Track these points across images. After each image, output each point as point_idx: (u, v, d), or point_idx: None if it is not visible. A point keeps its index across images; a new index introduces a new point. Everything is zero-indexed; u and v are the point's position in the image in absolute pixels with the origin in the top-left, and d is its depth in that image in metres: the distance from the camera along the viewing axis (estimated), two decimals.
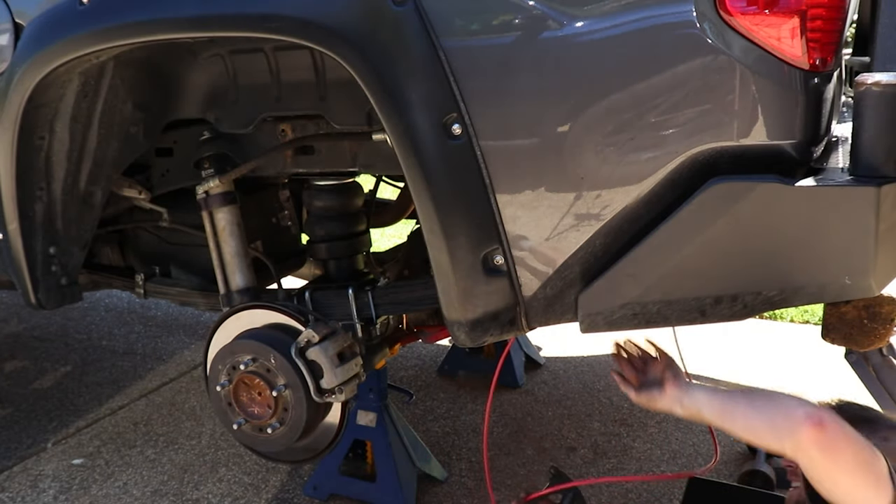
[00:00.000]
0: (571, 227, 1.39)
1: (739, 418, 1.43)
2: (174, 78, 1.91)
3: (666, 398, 1.53)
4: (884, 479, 1.33)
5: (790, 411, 1.37)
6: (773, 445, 1.42)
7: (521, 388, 3.17)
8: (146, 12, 1.55)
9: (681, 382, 1.54)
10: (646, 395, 1.56)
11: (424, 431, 2.83)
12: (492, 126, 1.38)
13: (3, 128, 1.77)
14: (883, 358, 2.17)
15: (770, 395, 1.45)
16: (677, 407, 1.54)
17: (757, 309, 1.35)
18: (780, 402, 1.40)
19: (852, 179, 1.22)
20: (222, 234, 1.94)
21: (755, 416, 1.41)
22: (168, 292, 2.25)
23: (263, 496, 2.45)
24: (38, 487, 2.54)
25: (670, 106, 1.29)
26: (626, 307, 1.39)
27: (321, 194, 2.04)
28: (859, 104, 1.20)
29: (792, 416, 1.36)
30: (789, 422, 1.36)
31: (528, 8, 1.33)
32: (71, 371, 3.49)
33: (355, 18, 1.39)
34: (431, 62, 1.36)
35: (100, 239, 2.34)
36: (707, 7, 1.24)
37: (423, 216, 1.44)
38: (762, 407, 1.41)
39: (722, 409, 1.45)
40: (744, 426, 1.43)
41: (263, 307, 1.83)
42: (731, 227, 1.28)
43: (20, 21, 1.76)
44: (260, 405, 1.76)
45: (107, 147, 1.92)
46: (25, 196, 1.88)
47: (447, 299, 1.48)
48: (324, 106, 1.77)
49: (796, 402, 1.40)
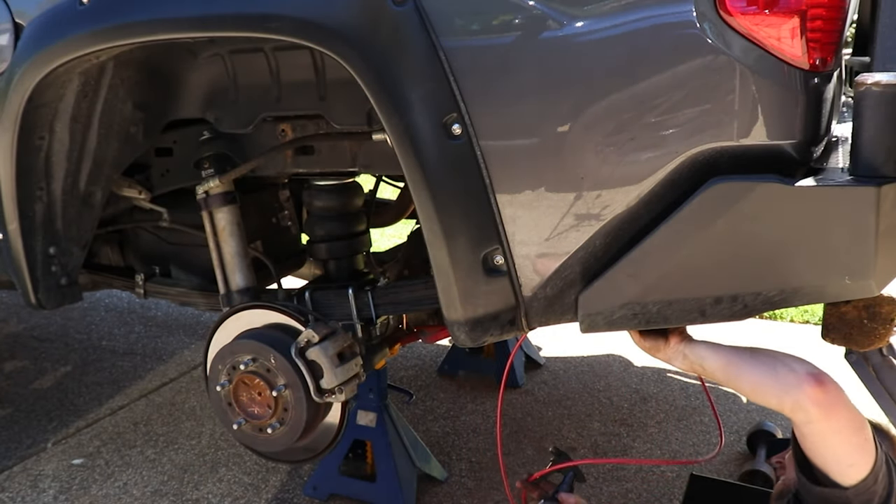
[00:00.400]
0: (571, 227, 1.39)
1: (744, 373, 1.47)
2: (174, 78, 1.91)
3: (669, 349, 1.57)
4: (870, 444, 1.38)
5: (793, 368, 1.42)
6: (773, 401, 1.46)
7: (521, 388, 3.18)
8: (146, 12, 1.55)
9: (685, 335, 1.57)
10: (650, 342, 1.59)
11: (424, 431, 2.83)
12: (492, 126, 1.38)
13: (3, 128, 1.77)
14: (883, 358, 2.17)
15: (774, 354, 1.49)
16: (679, 358, 1.57)
17: (757, 309, 1.35)
18: (784, 360, 1.45)
19: (852, 179, 1.22)
20: (222, 234, 1.94)
21: (759, 372, 1.44)
22: (168, 292, 2.25)
23: (263, 496, 2.45)
24: (38, 487, 2.54)
25: (670, 106, 1.29)
26: (626, 307, 1.39)
27: (321, 194, 2.03)
28: (859, 104, 1.20)
29: (795, 373, 1.40)
30: (792, 378, 1.40)
31: (528, 8, 1.33)
32: (71, 371, 3.49)
33: (355, 18, 1.39)
34: (431, 62, 1.36)
35: (100, 239, 2.34)
36: (707, 7, 1.24)
37: (423, 216, 1.43)
38: (766, 363, 1.45)
39: (726, 363, 1.49)
40: (747, 381, 1.47)
41: (263, 307, 1.83)
42: (732, 227, 1.28)
43: (20, 21, 1.76)
44: (260, 405, 1.76)
45: (107, 147, 1.92)
46: (25, 196, 1.88)
47: (447, 299, 1.48)
48: (324, 106, 1.77)
49: (800, 360, 1.45)
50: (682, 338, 1.58)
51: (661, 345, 1.58)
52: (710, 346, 1.54)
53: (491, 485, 2.49)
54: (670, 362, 1.60)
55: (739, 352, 1.50)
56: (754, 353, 1.50)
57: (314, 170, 1.97)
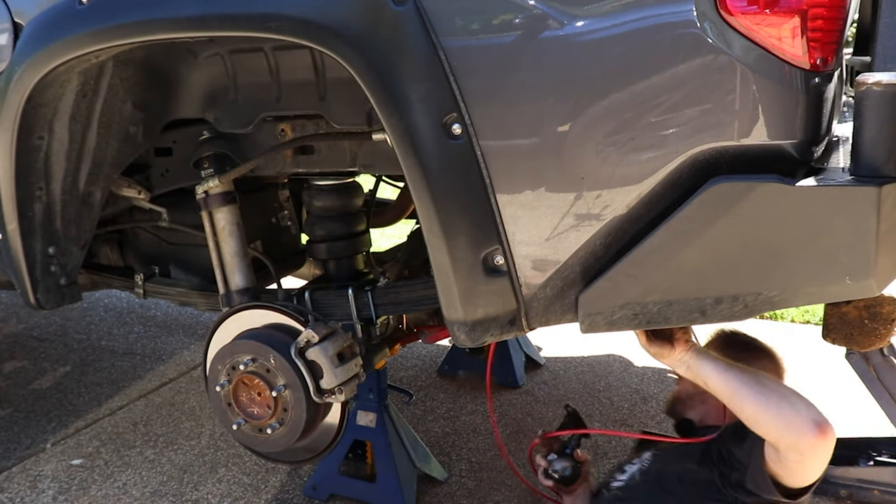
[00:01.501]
0: (572, 227, 1.39)
1: (747, 403, 1.51)
2: (173, 78, 1.91)
3: (673, 357, 1.60)
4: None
5: (799, 412, 1.46)
6: (770, 435, 1.52)
7: (521, 388, 3.17)
8: (146, 12, 1.55)
9: (691, 345, 1.59)
10: (656, 348, 1.62)
11: (424, 431, 2.83)
12: (492, 126, 1.37)
13: (3, 128, 1.77)
14: (883, 358, 2.17)
15: (781, 390, 1.52)
16: (682, 368, 1.61)
17: (757, 309, 1.35)
18: (791, 400, 1.49)
19: (853, 179, 1.22)
20: (222, 233, 1.94)
21: (762, 407, 1.48)
22: (167, 292, 2.24)
23: (263, 497, 2.45)
24: (38, 488, 2.54)
25: (671, 106, 1.29)
26: (627, 307, 1.39)
27: (321, 194, 2.03)
28: (860, 104, 1.20)
29: (801, 419, 1.45)
30: (797, 423, 1.45)
31: (529, 7, 1.32)
32: (70, 371, 3.49)
33: (355, 18, 1.39)
34: (431, 62, 1.36)
35: (99, 239, 2.33)
36: (707, 7, 1.24)
37: (423, 216, 1.43)
38: (772, 399, 1.49)
39: (731, 389, 1.53)
40: (749, 410, 1.51)
41: (263, 307, 1.83)
42: (732, 227, 1.28)
43: (19, 21, 1.75)
44: (259, 405, 1.76)
45: (106, 147, 1.92)
46: (24, 196, 1.87)
47: (447, 299, 1.48)
48: (324, 106, 1.77)
49: (806, 404, 1.49)
50: (689, 347, 1.59)
51: (667, 351, 1.59)
52: (715, 366, 1.56)
53: (491, 485, 2.48)
54: (674, 369, 1.61)
55: (745, 378, 1.52)
56: (761, 382, 1.52)
57: (314, 170, 1.96)
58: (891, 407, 2.16)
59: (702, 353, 1.60)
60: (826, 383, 3.05)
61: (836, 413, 2.86)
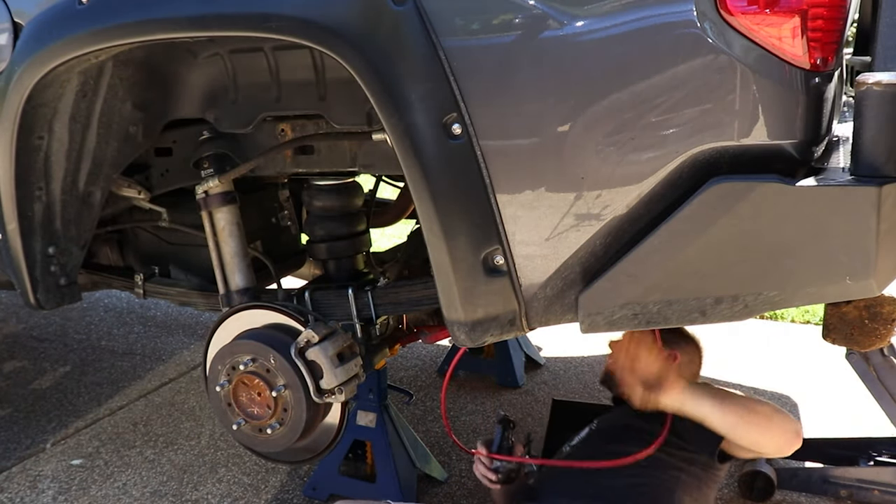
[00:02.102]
0: (572, 227, 1.38)
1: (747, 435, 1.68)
2: (173, 77, 1.91)
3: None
4: None
5: (786, 428, 1.67)
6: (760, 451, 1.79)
7: (521, 388, 3.17)
8: (145, 12, 1.55)
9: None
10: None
11: (424, 431, 2.83)
12: (492, 126, 1.37)
13: (2, 128, 1.77)
14: (884, 358, 2.17)
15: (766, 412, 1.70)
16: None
17: (757, 309, 1.35)
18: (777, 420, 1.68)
19: (853, 179, 1.22)
20: (222, 234, 1.94)
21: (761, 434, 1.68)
22: (167, 292, 2.24)
23: (263, 497, 2.45)
24: (38, 488, 2.54)
25: (671, 106, 1.29)
26: (627, 307, 1.39)
27: (321, 194, 2.03)
28: (860, 104, 1.20)
29: (785, 435, 1.67)
30: (786, 438, 1.67)
31: (529, 7, 1.32)
32: (70, 371, 3.49)
33: (355, 18, 1.39)
34: (431, 62, 1.36)
35: (99, 239, 2.33)
36: (707, 6, 1.24)
37: (423, 216, 1.43)
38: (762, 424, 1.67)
39: (729, 424, 1.68)
40: (749, 442, 1.70)
41: (263, 307, 1.83)
42: (732, 227, 1.28)
43: (19, 20, 1.75)
44: (259, 405, 1.76)
45: (106, 147, 1.92)
46: (24, 196, 1.87)
47: (447, 299, 1.48)
48: (323, 106, 1.77)
49: (784, 416, 1.69)
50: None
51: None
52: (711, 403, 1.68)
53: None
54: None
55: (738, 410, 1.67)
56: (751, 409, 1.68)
57: (314, 170, 1.96)
58: (891, 407, 2.16)
59: (694, 394, 1.70)
60: (826, 383, 3.06)
61: (837, 413, 2.87)
